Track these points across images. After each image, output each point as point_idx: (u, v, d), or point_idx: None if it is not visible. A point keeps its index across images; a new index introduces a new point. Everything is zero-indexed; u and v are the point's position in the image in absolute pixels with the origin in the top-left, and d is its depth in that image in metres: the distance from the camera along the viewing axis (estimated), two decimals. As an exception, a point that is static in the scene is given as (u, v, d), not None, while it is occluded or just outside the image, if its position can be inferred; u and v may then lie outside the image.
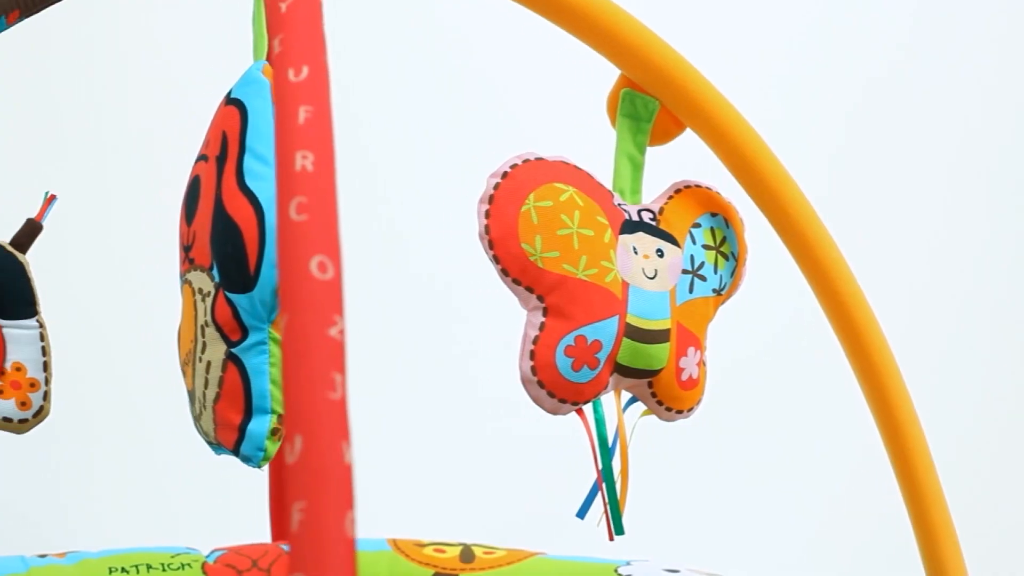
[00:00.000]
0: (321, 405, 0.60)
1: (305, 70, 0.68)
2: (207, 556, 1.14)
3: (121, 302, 1.63)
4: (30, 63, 1.60)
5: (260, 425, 0.89)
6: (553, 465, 1.60)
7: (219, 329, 0.90)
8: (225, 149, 0.91)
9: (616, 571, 1.11)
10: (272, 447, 0.90)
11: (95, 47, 1.69)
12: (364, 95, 1.47)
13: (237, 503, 1.46)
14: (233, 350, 0.89)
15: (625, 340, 0.94)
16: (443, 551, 1.16)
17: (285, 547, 1.16)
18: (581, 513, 0.98)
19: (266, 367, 0.89)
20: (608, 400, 0.97)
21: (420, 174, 1.59)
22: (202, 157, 0.94)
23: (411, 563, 1.14)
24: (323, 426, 0.60)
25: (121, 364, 1.59)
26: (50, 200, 0.94)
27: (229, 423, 0.90)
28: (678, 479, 1.57)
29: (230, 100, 0.93)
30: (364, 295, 0.93)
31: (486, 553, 1.15)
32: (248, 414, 0.89)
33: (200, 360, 0.92)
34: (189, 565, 1.12)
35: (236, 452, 0.91)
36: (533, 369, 0.93)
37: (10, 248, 0.93)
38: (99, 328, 1.56)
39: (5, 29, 0.93)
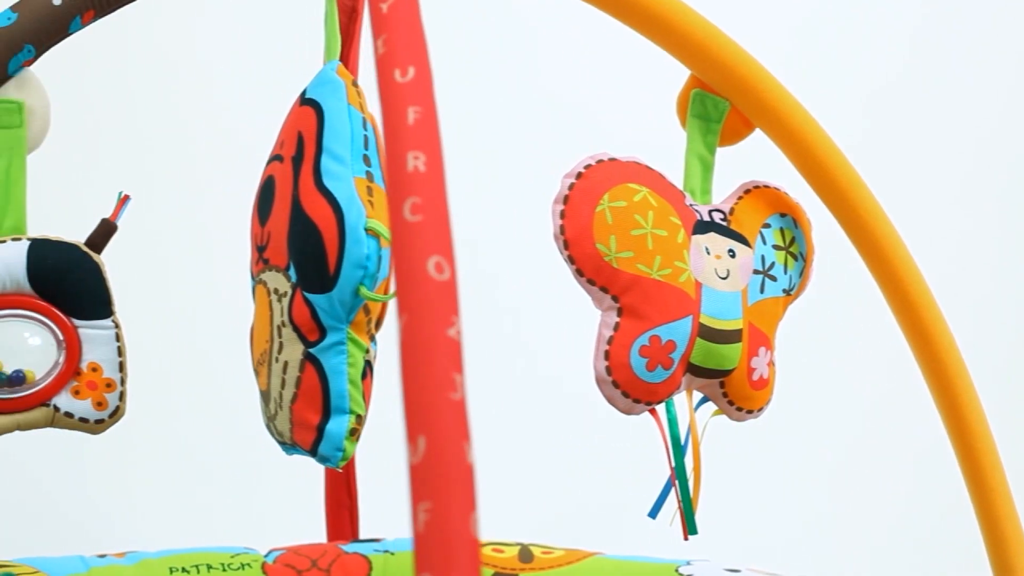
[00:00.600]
0: (443, 406, 0.60)
1: (411, 71, 0.68)
2: (265, 556, 1.14)
3: (189, 302, 1.63)
4: (102, 63, 1.60)
5: (339, 425, 0.89)
6: (604, 465, 1.61)
7: (296, 329, 0.90)
8: (301, 150, 0.91)
9: (677, 571, 1.11)
10: (351, 447, 0.90)
11: (167, 47, 1.69)
12: (436, 96, 1.47)
13: (289, 503, 1.46)
14: (311, 350, 0.90)
15: (698, 340, 0.94)
16: (501, 551, 1.16)
17: (343, 547, 1.16)
18: (653, 513, 0.98)
19: (345, 367, 0.89)
20: (678, 400, 0.98)
21: (492, 175, 1.59)
22: (276, 158, 0.94)
23: (470, 563, 1.14)
24: (446, 427, 0.60)
25: (181, 363, 1.59)
26: (124, 200, 0.94)
27: (307, 423, 0.90)
28: (737, 478, 1.57)
29: (305, 100, 0.93)
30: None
31: (544, 553, 1.15)
32: (326, 414, 0.90)
33: (276, 360, 0.92)
34: (249, 565, 1.12)
35: (313, 452, 0.91)
36: (608, 369, 0.93)
37: (86, 248, 0.92)
38: (159, 327, 1.56)
39: (80, 29, 0.93)
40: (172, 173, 1.65)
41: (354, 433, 0.90)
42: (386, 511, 1.28)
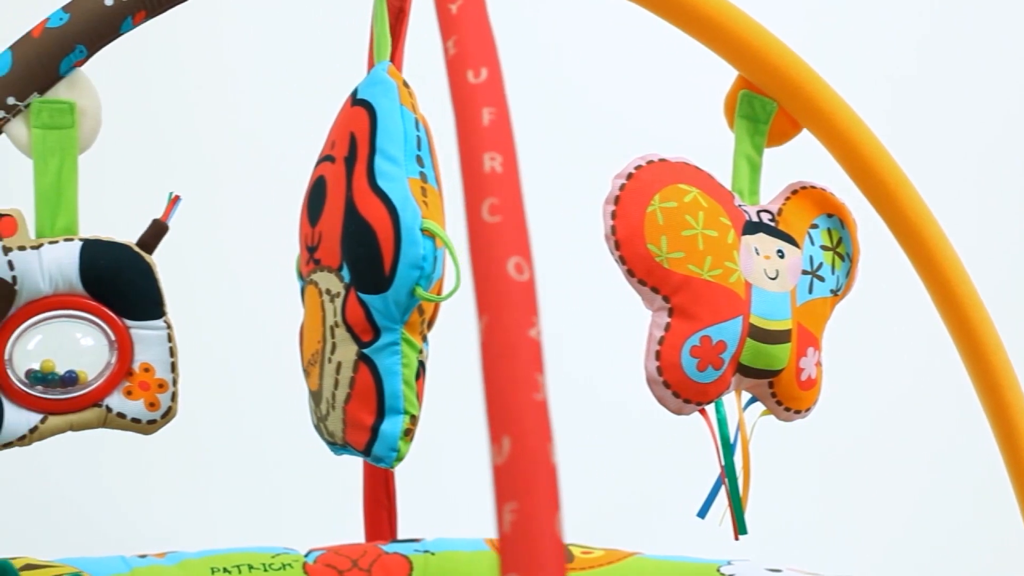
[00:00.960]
0: (527, 406, 0.60)
1: (484, 72, 0.69)
2: (306, 556, 1.14)
3: (232, 302, 1.63)
4: (152, 63, 1.60)
5: (393, 426, 0.89)
6: (636, 465, 1.61)
7: (350, 330, 0.90)
8: (354, 150, 0.91)
9: (718, 570, 1.11)
10: (405, 447, 0.90)
11: (215, 47, 1.69)
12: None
13: (326, 503, 1.46)
14: (365, 351, 0.90)
15: (748, 341, 0.95)
16: (541, 551, 1.15)
17: (383, 547, 1.16)
18: (702, 513, 0.98)
19: (399, 368, 0.89)
20: (727, 400, 0.98)
21: (540, 177, 1.58)
22: (327, 158, 0.94)
23: (506, 563, 1.14)
24: (530, 427, 0.60)
25: (220, 363, 1.59)
26: (175, 201, 0.94)
27: (360, 424, 0.90)
28: (777, 478, 1.56)
29: (356, 101, 0.93)
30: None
31: (584, 553, 1.15)
32: (380, 415, 0.89)
33: (329, 361, 0.92)
34: (290, 565, 1.12)
35: (367, 453, 0.91)
36: (659, 369, 0.93)
37: (137, 249, 0.92)
38: (200, 327, 1.56)
39: (131, 29, 0.93)
40: (219, 173, 1.65)
41: (408, 433, 0.90)
42: (423, 511, 1.29)
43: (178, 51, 1.63)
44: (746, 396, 0.99)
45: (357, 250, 0.89)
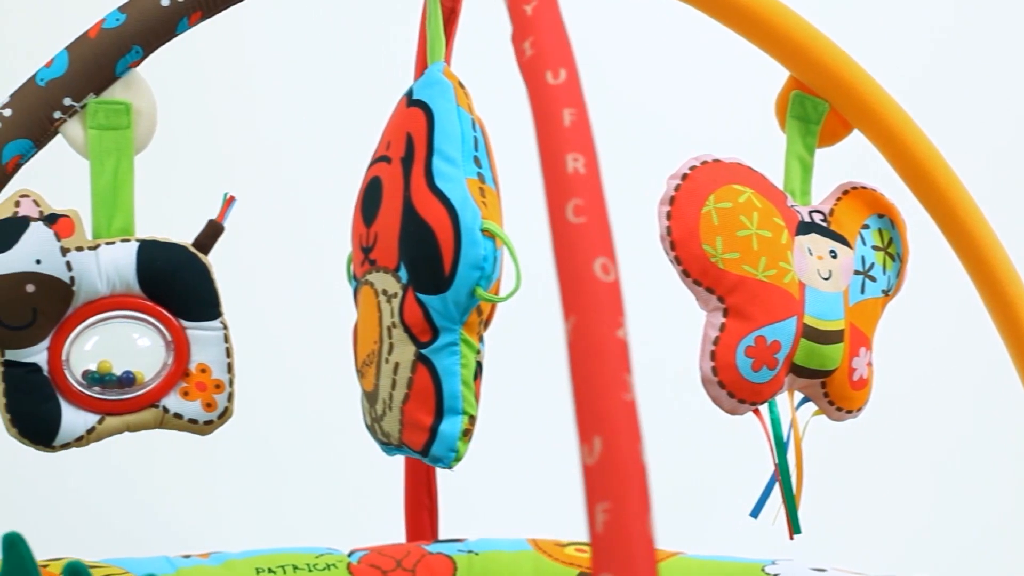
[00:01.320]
0: (618, 407, 0.61)
1: (563, 73, 0.69)
2: (349, 556, 1.14)
3: (275, 302, 1.63)
4: (205, 63, 1.60)
5: (452, 426, 0.89)
6: (678, 465, 1.60)
7: (408, 330, 0.90)
8: (411, 151, 0.91)
9: (763, 570, 1.12)
10: (463, 448, 0.90)
11: (267, 48, 1.70)
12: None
13: (364, 503, 1.46)
14: (423, 351, 0.89)
15: (802, 341, 0.95)
16: (584, 551, 1.16)
17: (426, 547, 1.16)
18: (755, 512, 0.99)
19: (458, 368, 0.89)
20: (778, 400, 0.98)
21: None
22: (383, 159, 0.94)
23: (555, 563, 1.15)
24: (621, 427, 0.60)
25: (262, 364, 1.59)
26: (230, 201, 0.94)
27: (419, 424, 0.90)
28: (820, 477, 1.57)
29: (412, 102, 0.93)
30: (543, 296, 0.93)
31: (627, 552, 1.15)
32: (439, 415, 0.89)
33: (387, 361, 0.92)
34: (334, 566, 1.12)
35: (424, 453, 0.91)
36: (714, 369, 0.94)
37: (194, 250, 0.92)
38: (242, 328, 1.56)
39: (187, 30, 0.93)
40: (270, 174, 1.64)
41: (467, 434, 0.90)
42: (463, 511, 1.29)
43: (229, 51, 1.63)
44: (797, 396, 0.99)
45: (416, 251, 0.89)
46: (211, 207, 0.94)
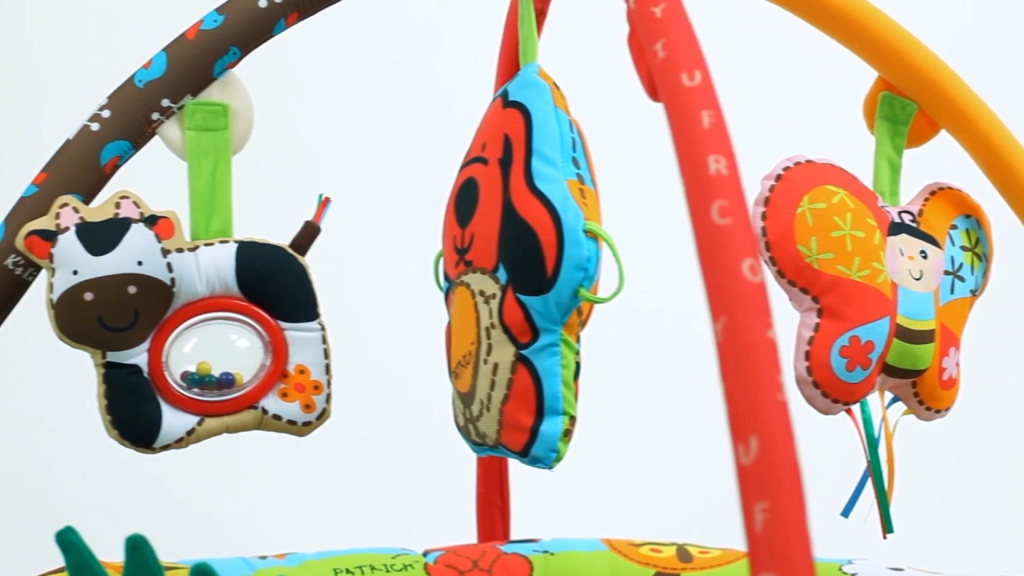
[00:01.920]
0: (772, 406, 0.61)
1: (698, 75, 0.69)
2: (425, 556, 1.14)
3: (348, 303, 1.63)
4: (298, 64, 1.60)
5: (553, 426, 0.89)
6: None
7: (507, 331, 0.90)
8: (509, 152, 0.91)
9: (840, 569, 1.12)
10: (564, 448, 0.90)
11: (360, 48, 1.69)
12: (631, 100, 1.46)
13: (433, 503, 1.46)
14: (523, 352, 0.90)
15: (895, 341, 0.95)
16: (659, 551, 1.16)
17: (501, 547, 1.16)
18: (846, 512, 0.99)
19: (558, 368, 0.89)
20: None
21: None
22: (478, 159, 0.94)
23: (631, 563, 1.15)
24: (776, 426, 0.60)
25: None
26: (325, 203, 0.94)
27: (519, 425, 0.90)
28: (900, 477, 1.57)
29: (508, 103, 0.93)
30: (637, 296, 0.93)
31: (701, 552, 1.16)
32: (540, 416, 0.90)
33: (485, 362, 0.92)
34: (411, 566, 1.12)
35: (523, 454, 0.91)
36: (808, 370, 0.94)
37: (292, 251, 0.92)
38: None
39: (283, 31, 0.93)
40: (356, 175, 1.64)
41: (567, 434, 0.90)
42: (533, 510, 1.29)
43: (319, 52, 1.63)
44: (887, 396, 0.99)
45: (517, 252, 0.89)
46: (291, 207, 0.94)
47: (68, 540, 0.76)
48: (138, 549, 0.75)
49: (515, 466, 1.23)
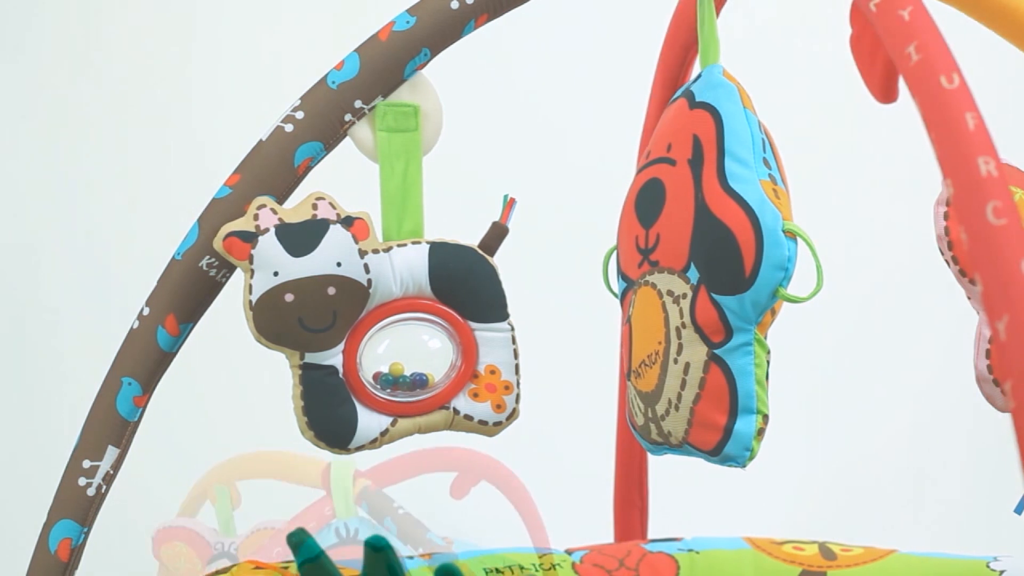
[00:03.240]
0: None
1: (956, 78, 0.70)
2: (572, 556, 1.14)
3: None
4: (484, 65, 1.60)
5: (747, 425, 0.90)
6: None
7: (699, 330, 0.91)
8: (699, 153, 0.92)
9: (987, 566, 1.13)
10: (757, 446, 0.91)
11: (543, 49, 1.69)
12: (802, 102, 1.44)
13: (567, 503, 1.46)
14: (716, 351, 0.90)
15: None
16: (801, 549, 1.17)
17: (645, 546, 1.17)
18: (1020, 508, 1.00)
19: (752, 368, 0.90)
20: None
21: (850, 180, 1.59)
22: (664, 160, 0.95)
23: (776, 561, 1.16)
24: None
25: None
26: (511, 203, 0.94)
27: (712, 424, 0.91)
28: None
29: (696, 104, 0.93)
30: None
31: (844, 551, 1.17)
32: (734, 415, 0.90)
33: (675, 362, 0.93)
34: (559, 565, 1.13)
35: (714, 452, 0.91)
36: (989, 368, 0.95)
37: (481, 252, 0.93)
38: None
39: (472, 32, 0.94)
40: (535, 175, 1.64)
41: (760, 433, 0.90)
42: (672, 510, 1.29)
43: (501, 52, 1.63)
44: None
45: (713, 252, 0.89)
46: (471, 207, 0.94)
47: (299, 540, 0.77)
48: (380, 553, 0.75)
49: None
